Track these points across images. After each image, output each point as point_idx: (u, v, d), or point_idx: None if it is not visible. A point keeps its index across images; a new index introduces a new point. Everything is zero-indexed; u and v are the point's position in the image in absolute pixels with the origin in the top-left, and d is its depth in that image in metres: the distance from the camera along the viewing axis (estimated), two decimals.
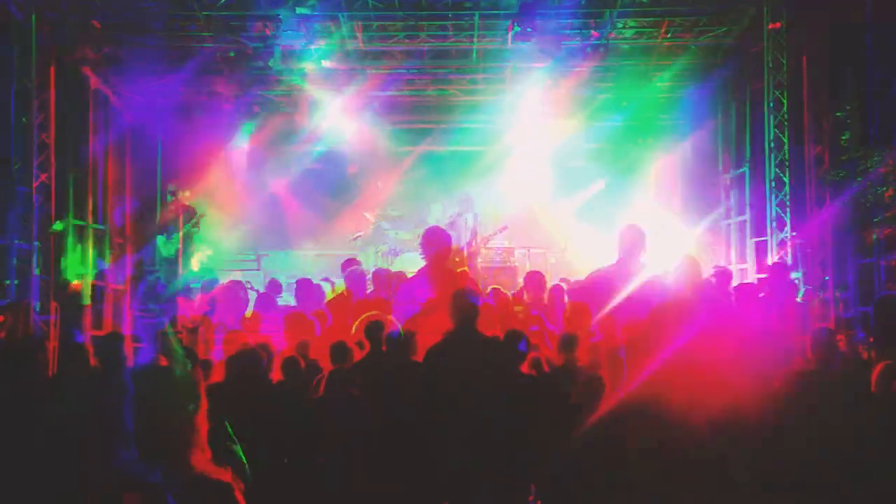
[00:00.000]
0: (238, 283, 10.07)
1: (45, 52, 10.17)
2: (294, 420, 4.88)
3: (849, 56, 10.04)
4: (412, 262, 10.99)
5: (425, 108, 13.93)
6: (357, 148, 14.07)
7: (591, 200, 14.04)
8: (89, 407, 3.08)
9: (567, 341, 6.47)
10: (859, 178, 9.76)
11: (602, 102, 13.29)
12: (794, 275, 9.80)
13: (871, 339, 5.76)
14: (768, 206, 10.70)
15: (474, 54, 12.14)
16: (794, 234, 10.33)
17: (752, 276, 11.12)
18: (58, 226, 10.62)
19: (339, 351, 5.40)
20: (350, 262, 9.27)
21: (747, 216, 12.08)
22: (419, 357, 5.20)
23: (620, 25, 11.30)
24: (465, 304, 4.84)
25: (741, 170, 12.41)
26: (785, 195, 10.53)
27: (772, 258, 10.34)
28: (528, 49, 11.18)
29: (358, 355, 5.52)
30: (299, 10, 10.22)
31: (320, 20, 10.76)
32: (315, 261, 13.72)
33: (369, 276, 9.40)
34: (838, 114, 10.21)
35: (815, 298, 9.62)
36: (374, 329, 5.57)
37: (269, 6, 10.32)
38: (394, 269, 10.54)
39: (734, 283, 9.37)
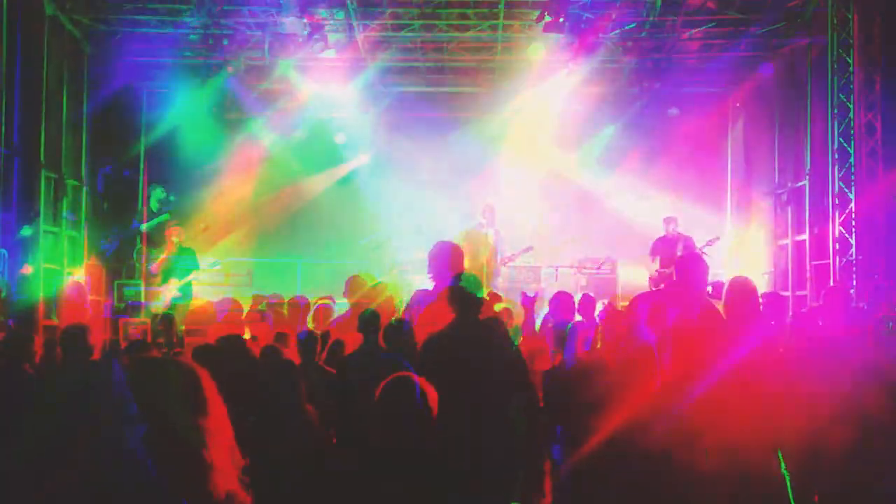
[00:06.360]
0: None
1: None
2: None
3: None
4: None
5: (422, 72, 13.87)
6: (345, 115, 14.08)
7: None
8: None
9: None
10: None
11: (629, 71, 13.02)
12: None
13: None
14: (830, 225, 10.43)
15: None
16: (860, 256, 10.02)
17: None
18: (26, 231, 10.40)
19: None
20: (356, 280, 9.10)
21: (806, 235, 11.84)
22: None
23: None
24: (466, 293, 4.94)
25: (801, 183, 12.10)
26: (850, 212, 10.20)
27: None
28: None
29: None
30: None
31: None
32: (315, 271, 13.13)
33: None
34: None
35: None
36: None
37: None
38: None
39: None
